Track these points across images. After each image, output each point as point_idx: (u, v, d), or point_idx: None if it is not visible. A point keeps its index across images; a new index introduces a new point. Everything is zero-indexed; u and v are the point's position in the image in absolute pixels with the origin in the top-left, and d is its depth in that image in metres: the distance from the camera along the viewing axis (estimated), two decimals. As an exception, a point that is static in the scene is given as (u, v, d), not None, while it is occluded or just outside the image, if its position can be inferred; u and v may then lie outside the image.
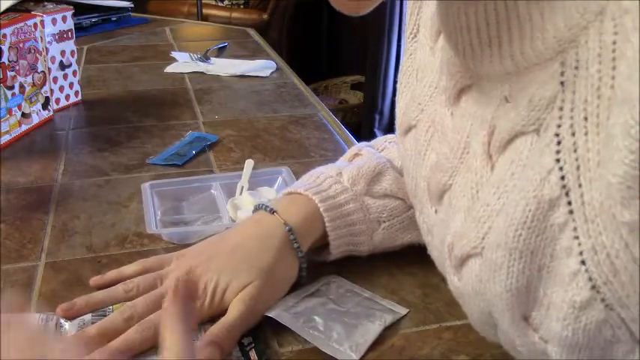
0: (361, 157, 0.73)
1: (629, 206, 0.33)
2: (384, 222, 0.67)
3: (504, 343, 0.48)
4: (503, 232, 0.41)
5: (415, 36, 0.57)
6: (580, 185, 0.37)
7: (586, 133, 0.36)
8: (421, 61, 0.55)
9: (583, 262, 0.37)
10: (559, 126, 0.38)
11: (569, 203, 0.38)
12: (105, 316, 0.58)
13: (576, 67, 0.36)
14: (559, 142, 0.38)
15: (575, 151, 0.37)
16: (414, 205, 0.59)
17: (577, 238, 0.38)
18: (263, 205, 0.65)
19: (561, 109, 0.37)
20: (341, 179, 0.68)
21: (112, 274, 0.65)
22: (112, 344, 0.53)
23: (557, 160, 0.38)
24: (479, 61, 0.43)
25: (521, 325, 0.44)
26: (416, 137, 0.55)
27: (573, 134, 0.37)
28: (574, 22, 0.35)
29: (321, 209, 0.64)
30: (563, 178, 0.38)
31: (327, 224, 0.65)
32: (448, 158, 0.50)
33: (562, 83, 0.37)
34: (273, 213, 0.64)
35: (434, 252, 0.55)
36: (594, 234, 0.37)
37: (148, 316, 0.56)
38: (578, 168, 0.37)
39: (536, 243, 0.40)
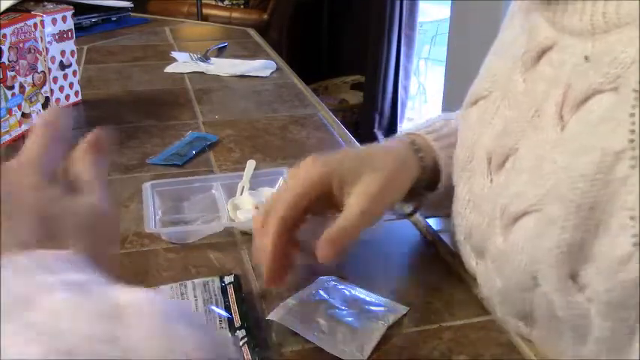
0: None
1: None
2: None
3: (540, 307, 0.48)
4: (565, 186, 0.42)
5: (513, 16, 0.59)
6: None
7: None
8: (507, 38, 0.57)
9: (632, 218, 0.38)
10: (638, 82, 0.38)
11: (633, 158, 0.38)
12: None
13: None
14: (636, 98, 0.38)
15: None
16: (457, 178, 0.60)
17: (632, 193, 0.38)
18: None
19: None
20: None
21: None
22: None
23: (631, 115, 0.38)
24: (568, 17, 0.44)
25: (568, 285, 0.44)
26: (484, 107, 0.57)
27: None
28: None
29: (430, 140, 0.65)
30: (632, 132, 0.38)
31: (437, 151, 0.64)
32: (517, 122, 0.51)
33: None
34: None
35: (476, 219, 0.55)
36: None
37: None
38: None
39: (596, 197, 0.40)
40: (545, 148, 0.46)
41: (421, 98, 4.14)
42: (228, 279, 0.64)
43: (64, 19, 1.14)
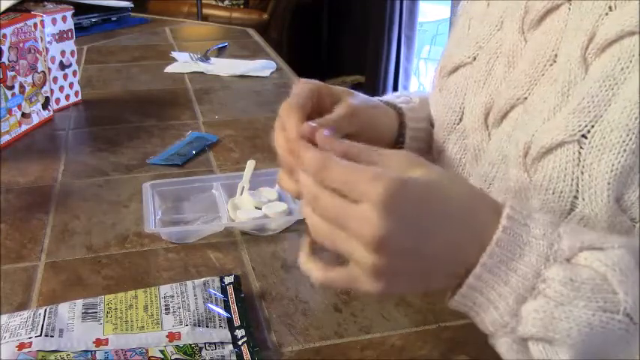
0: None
1: None
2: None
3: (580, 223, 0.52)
4: (622, 114, 0.47)
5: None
6: None
7: None
8: (476, 11, 0.65)
9: None
10: None
11: None
12: (96, 307, 0.58)
13: None
14: None
15: None
16: (444, 142, 0.66)
17: None
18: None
19: None
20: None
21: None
22: None
23: None
24: None
25: (614, 207, 0.49)
26: (470, 72, 0.63)
27: None
28: None
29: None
30: None
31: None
32: (526, 74, 0.56)
33: None
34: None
35: (479, 171, 0.61)
36: None
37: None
38: None
39: None
40: (568, 87, 0.52)
41: (421, 98, 4.14)
42: (228, 279, 0.64)
43: (64, 19, 1.14)
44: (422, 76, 4.12)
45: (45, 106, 1.09)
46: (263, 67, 1.43)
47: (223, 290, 0.62)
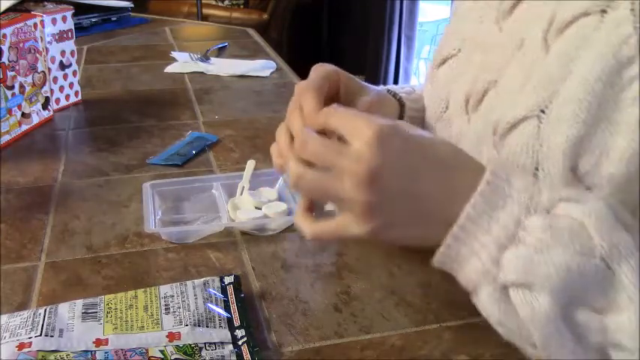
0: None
1: None
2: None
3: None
4: (576, 89, 0.49)
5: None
6: None
7: None
8: (465, 8, 0.69)
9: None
10: (632, 6, 0.47)
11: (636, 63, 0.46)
12: (96, 307, 0.58)
13: None
14: (635, 15, 0.47)
15: None
16: (432, 131, 0.69)
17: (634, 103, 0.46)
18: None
19: None
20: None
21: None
22: None
23: (635, 28, 0.47)
24: None
25: (570, 176, 0.50)
26: (457, 61, 0.67)
27: None
28: None
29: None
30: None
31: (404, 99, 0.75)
32: (498, 59, 0.59)
33: None
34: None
35: None
36: None
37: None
38: None
39: (604, 95, 0.47)
40: (533, 69, 0.54)
41: (421, 98, 4.14)
42: (228, 279, 0.64)
43: (64, 19, 1.14)
44: (422, 76, 4.12)
45: (45, 106, 1.09)
46: (263, 67, 1.43)
47: (223, 290, 0.62)
